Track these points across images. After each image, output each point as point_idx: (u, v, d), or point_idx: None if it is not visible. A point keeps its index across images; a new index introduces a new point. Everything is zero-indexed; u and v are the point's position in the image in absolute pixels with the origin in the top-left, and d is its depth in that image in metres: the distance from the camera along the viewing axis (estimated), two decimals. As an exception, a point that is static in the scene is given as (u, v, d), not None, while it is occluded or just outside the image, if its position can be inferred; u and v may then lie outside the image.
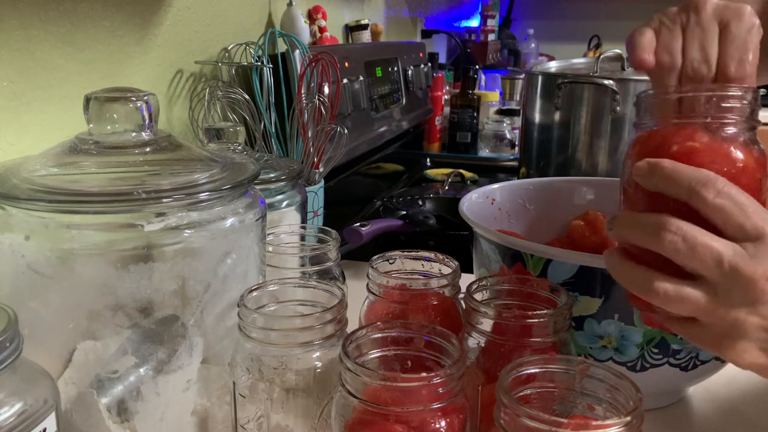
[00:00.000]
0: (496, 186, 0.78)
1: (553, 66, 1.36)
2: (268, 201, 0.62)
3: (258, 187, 0.58)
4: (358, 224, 0.91)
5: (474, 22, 2.82)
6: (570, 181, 0.82)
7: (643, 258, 0.43)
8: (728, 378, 0.64)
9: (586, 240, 0.72)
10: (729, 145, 0.42)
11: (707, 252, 0.39)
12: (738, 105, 0.43)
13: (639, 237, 0.42)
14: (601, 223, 0.72)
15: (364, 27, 1.51)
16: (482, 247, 0.65)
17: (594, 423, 0.35)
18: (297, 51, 1.01)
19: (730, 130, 0.43)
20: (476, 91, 1.85)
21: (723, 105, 0.43)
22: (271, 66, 0.98)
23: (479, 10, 2.73)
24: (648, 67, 0.47)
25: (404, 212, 1.06)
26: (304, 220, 0.78)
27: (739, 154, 0.42)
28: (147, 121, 0.50)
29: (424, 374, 0.39)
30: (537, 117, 1.24)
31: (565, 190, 0.80)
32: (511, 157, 1.71)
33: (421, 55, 1.72)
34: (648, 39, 0.47)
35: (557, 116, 1.20)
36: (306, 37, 1.15)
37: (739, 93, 0.44)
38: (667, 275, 0.41)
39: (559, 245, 0.69)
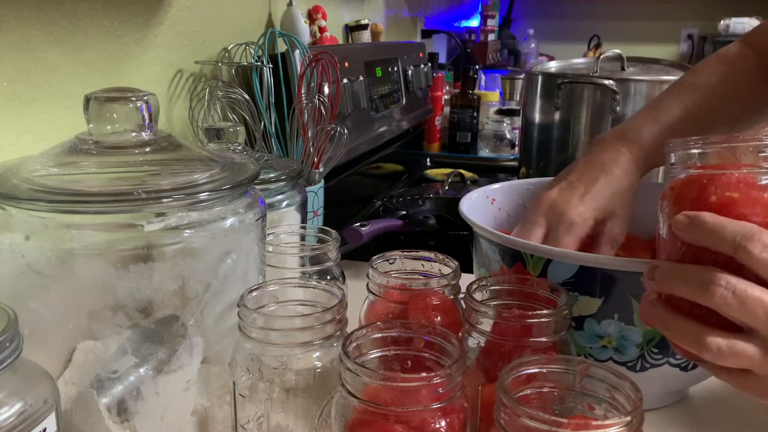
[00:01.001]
0: (496, 186, 0.78)
1: (553, 66, 1.36)
2: (268, 201, 0.62)
3: (258, 187, 0.58)
4: (358, 224, 0.91)
5: (474, 22, 2.82)
6: None
7: (688, 309, 0.42)
8: (728, 378, 0.64)
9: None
10: (767, 193, 0.42)
11: (758, 305, 0.39)
12: None
13: (686, 290, 0.42)
14: None
15: (364, 27, 1.51)
16: (482, 247, 0.65)
17: (594, 423, 0.35)
18: (297, 51, 1.01)
19: (766, 179, 0.43)
20: (476, 91, 1.85)
21: (759, 154, 0.43)
22: (271, 66, 0.98)
23: (479, 10, 2.73)
24: None
25: (404, 212, 1.05)
26: (304, 220, 0.78)
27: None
28: (147, 121, 0.50)
29: (424, 374, 0.39)
30: (537, 117, 1.24)
31: None
32: (511, 157, 1.71)
33: (421, 55, 1.71)
34: None
35: (557, 116, 1.20)
36: (306, 37, 1.15)
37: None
38: (717, 329, 0.41)
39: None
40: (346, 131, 0.90)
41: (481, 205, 0.75)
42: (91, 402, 0.45)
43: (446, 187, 1.35)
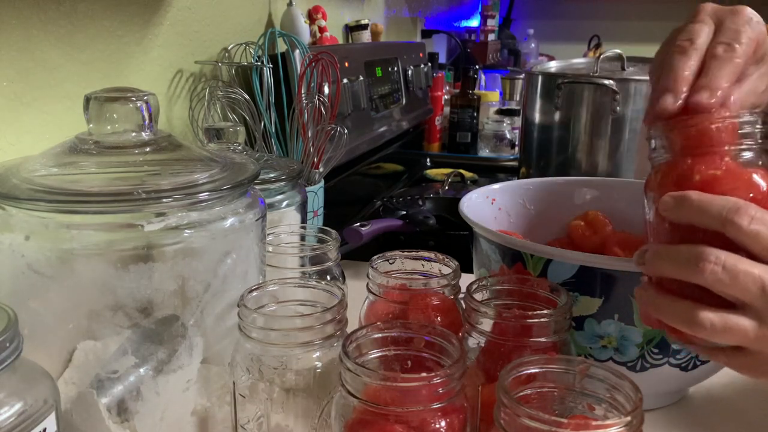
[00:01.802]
0: (496, 186, 0.78)
1: (553, 66, 1.36)
2: (268, 201, 0.62)
3: (258, 187, 0.58)
4: (358, 224, 0.91)
5: (474, 22, 2.82)
6: (570, 182, 0.82)
7: (679, 290, 0.42)
8: (728, 378, 0.64)
9: (586, 240, 0.72)
10: (749, 170, 0.42)
11: (749, 278, 0.39)
12: (752, 130, 0.43)
13: (676, 270, 0.41)
14: (600, 223, 0.72)
15: (364, 27, 1.51)
16: (482, 247, 0.65)
17: (594, 423, 0.35)
18: (297, 51, 1.01)
19: (747, 155, 0.43)
20: (476, 91, 1.85)
21: (738, 132, 0.43)
22: (271, 66, 0.98)
23: (479, 10, 2.73)
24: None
25: (404, 212, 1.05)
26: (304, 220, 0.78)
27: (760, 179, 0.42)
28: (147, 121, 0.50)
29: (424, 374, 0.39)
30: (537, 117, 1.24)
31: (565, 190, 0.80)
32: (511, 157, 1.71)
33: (421, 55, 1.71)
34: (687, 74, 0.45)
35: (557, 116, 1.20)
36: (306, 37, 1.15)
37: (753, 118, 0.43)
38: (710, 306, 0.40)
39: (558, 245, 0.69)
40: (346, 131, 0.90)
41: (482, 205, 0.75)
42: (91, 402, 0.45)
43: (446, 187, 1.35)
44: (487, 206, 0.76)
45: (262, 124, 0.95)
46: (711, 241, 0.41)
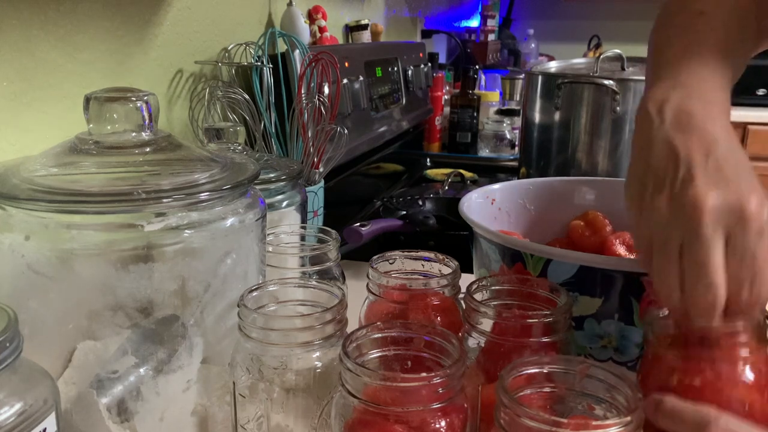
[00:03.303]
0: (496, 186, 0.78)
1: (553, 66, 1.36)
2: (268, 201, 0.62)
3: (258, 187, 0.58)
4: (358, 224, 0.91)
5: (474, 22, 2.82)
6: (570, 181, 0.82)
7: None
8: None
9: (586, 240, 0.72)
10: (735, 372, 0.43)
11: None
12: (747, 334, 0.43)
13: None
14: (600, 223, 0.72)
15: (364, 27, 1.51)
16: (482, 247, 0.65)
17: (594, 423, 0.35)
18: (297, 51, 1.01)
19: (742, 352, 0.43)
20: (476, 91, 1.85)
21: (733, 340, 0.43)
22: (271, 66, 0.98)
23: (479, 10, 2.73)
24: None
25: (404, 212, 1.05)
26: (304, 220, 0.78)
27: (746, 378, 0.43)
28: (147, 121, 0.50)
29: (424, 374, 0.39)
30: (537, 117, 1.24)
31: (565, 190, 0.80)
32: (511, 157, 1.71)
33: (421, 55, 1.72)
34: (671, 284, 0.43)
35: (557, 116, 1.20)
36: (306, 37, 1.15)
37: (747, 325, 0.43)
38: None
39: (558, 245, 0.69)
40: (346, 131, 0.90)
41: (481, 205, 0.75)
42: (91, 402, 0.45)
43: (446, 187, 1.36)
44: (487, 206, 0.76)
45: (262, 124, 0.95)
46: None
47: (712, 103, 0.48)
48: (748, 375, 0.43)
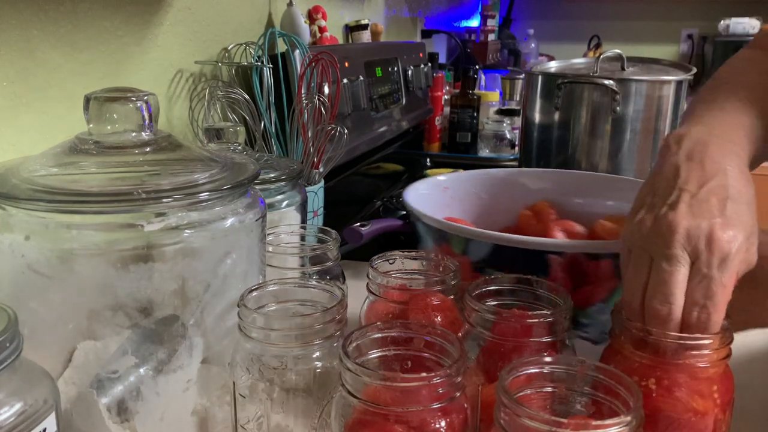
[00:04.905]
0: (446, 177, 0.82)
1: (553, 66, 1.36)
2: (268, 201, 0.62)
3: (258, 187, 0.58)
4: (358, 224, 0.91)
5: (474, 22, 2.82)
6: (523, 173, 0.86)
7: None
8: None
9: (532, 227, 0.75)
10: (689, 383, 0.44)
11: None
12: (708, 351, 0.44)
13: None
14: (546, 212, 0.76)
15: (364, 27, 1.51)
16: (419, 231, 0.69)
17: (594, 423, 0.35)
18: (297, 51, 1.01)
19: (701, 364, 0.45)
20: (476, 91, 1.85)
21: (689, 352, 0.45)
22: (271, 66, 0.98)
23: (479, 10, 2.74)
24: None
25: (404, 212, 1.05)
26: (304, 220, 0.78)
27: (694, 403, 0.44)
28: (147, 121, 0.50)
29: (424, 374, 0.39)
30: (537, 117, 1.24)
31: (518, 181, 0.84)
32: (511, 157, 1.71)
33: (421, 55, 1.71)
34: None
35: (557, 116, 1.20)
36: (306, 37, 1.15)
37: (711, 341, 0.44)
38: None
39: (507, 233, 0.72)
40: (346, 131, 0.90)
41: (432, 195, 0.79)
42: (91, 402, 0.45)
43: (446, 187, 1.35)
44: (438, 194, 0.80)
45: (262, 124, 0.95)
46: None
47: (732, 142, 0.52)
48: (703, 387, 0.44)
